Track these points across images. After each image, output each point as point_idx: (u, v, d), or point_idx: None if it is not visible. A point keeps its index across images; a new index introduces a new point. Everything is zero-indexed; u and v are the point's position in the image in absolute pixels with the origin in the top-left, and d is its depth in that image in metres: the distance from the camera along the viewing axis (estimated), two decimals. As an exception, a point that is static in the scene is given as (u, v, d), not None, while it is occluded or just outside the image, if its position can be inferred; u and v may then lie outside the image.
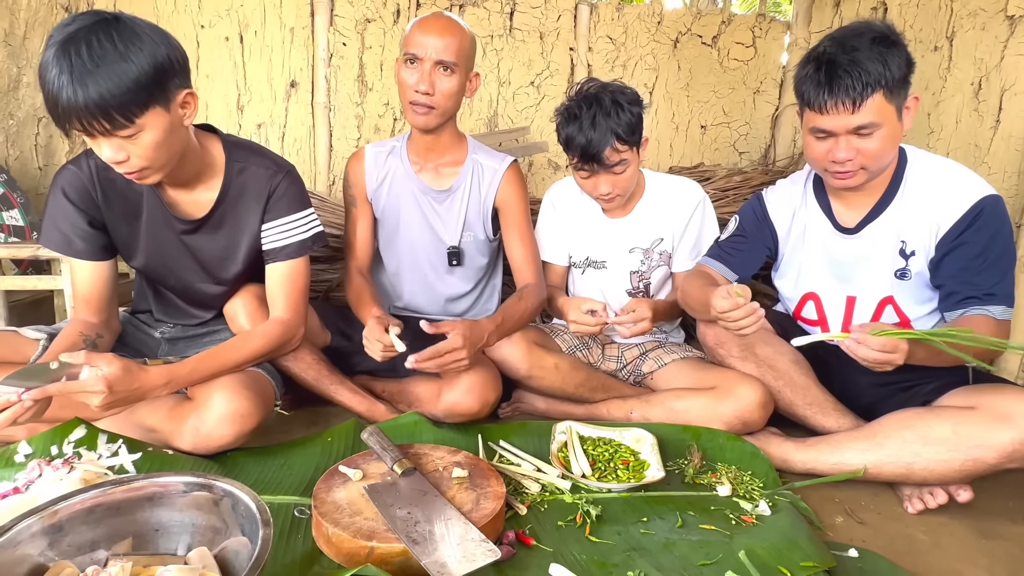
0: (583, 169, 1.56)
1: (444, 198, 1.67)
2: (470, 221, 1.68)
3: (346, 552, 0.96)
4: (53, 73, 1.04)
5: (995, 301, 1.29)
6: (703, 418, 1.48)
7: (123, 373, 1.10)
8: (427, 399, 1.53)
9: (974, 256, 1.31)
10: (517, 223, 1.68)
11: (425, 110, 1.52)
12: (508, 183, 1.66)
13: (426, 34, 1.48)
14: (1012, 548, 1.19)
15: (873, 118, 1.24)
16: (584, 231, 1.75)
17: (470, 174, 1.66)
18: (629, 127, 1.50)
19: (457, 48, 1.49)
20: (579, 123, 1.50)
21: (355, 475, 1.13)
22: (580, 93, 1.55)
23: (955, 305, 1.33)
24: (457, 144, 1.67)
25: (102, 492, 0.85)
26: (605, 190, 1.57)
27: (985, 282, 1.30)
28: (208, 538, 0.87)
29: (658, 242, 1.71)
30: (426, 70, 1.48)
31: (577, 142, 1.51)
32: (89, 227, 1.35)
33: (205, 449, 1.26)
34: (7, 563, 0.76)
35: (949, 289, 1.35)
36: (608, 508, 1.19)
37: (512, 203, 1.67)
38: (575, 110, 1.52)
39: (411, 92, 1.50)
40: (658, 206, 1.71)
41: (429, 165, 1.67)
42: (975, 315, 1.30)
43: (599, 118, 1.48)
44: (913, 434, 1.27)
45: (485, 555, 0.92)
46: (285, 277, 1.43)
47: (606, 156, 1.50)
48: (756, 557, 1.02)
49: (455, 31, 1.50)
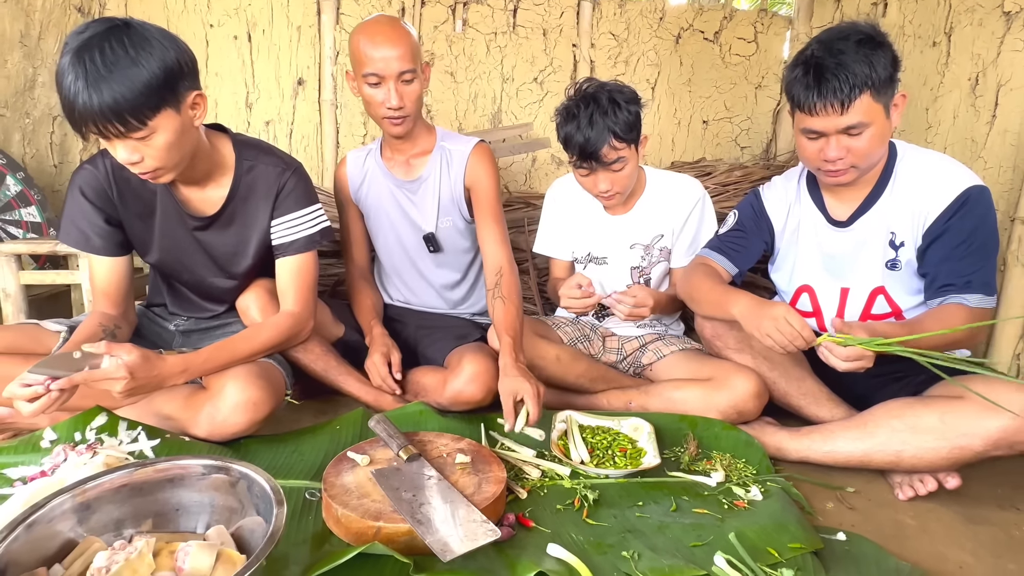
0: (582, 167, 1.60)
1: (416, 187, 1.72)
2: (445, 206, 1.73)
3: (355, 531, 1.01)
4: (69, 79, 1.08)
5: (972, 289, 1.33)
6: (699, 408, 1.52)
7: (143, 361, 1.16)
8: (432, 388, 1.58)
9: (957, 244, 1.34)
10: (488, 202, 1.67)
11: (400, 119, 1.57)
12: (476, 163, 1.68)
13: (379, 49, 1.49)
14: (997, 533, 1.23)
15: (861, 118, 1.28)
16: (586, 227, 1.79)
17: (439, 161, 1.71)
18: (627, 125, 1.53)
19: (411, 52, 1.52)
20: (577, 122, 1.54)
21: (363, 460, 1.18)
22: (578, 92, 1.58)
23: (935, 292, 1.37)
24: (425, 135, 1.72)
25: (128, 474, 0.90)
26: (604, 188, 1.61)
27: (965, 270, 1.34)
28: (225, 517, 0.93)
29: (658, 238, 1.75)
30: (391, 87, 1.52)
31: (575, 140, 1.54)
32: (106, 224, 1.40)
33: (220, 436, 1.31)
34: (41, 537, 0.81)
35: (931, 276, 1.39)
36: (605, 493, 1.23)
37: (481, 182, 1.68)
38: (573, 109, 1.55)
39: (383, 109, 1.54)
40: (658, 203, 1.74)
41: (400, 159, 1.73)
42: (951, 304, 1.34)
43: (596, 116, 1.51)
44: (902, 423, 1.31)
45: (486, 535, 0.97)
46: (294, 271, 1.47)
47: (604, 154, 1.53)
48: (746, 539, 1.06)
49: (403, 36, 1.52)
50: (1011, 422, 1.20)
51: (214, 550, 0.82)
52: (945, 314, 1.32)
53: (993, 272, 1.36)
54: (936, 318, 1.32)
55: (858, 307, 1.50)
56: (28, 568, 0.78)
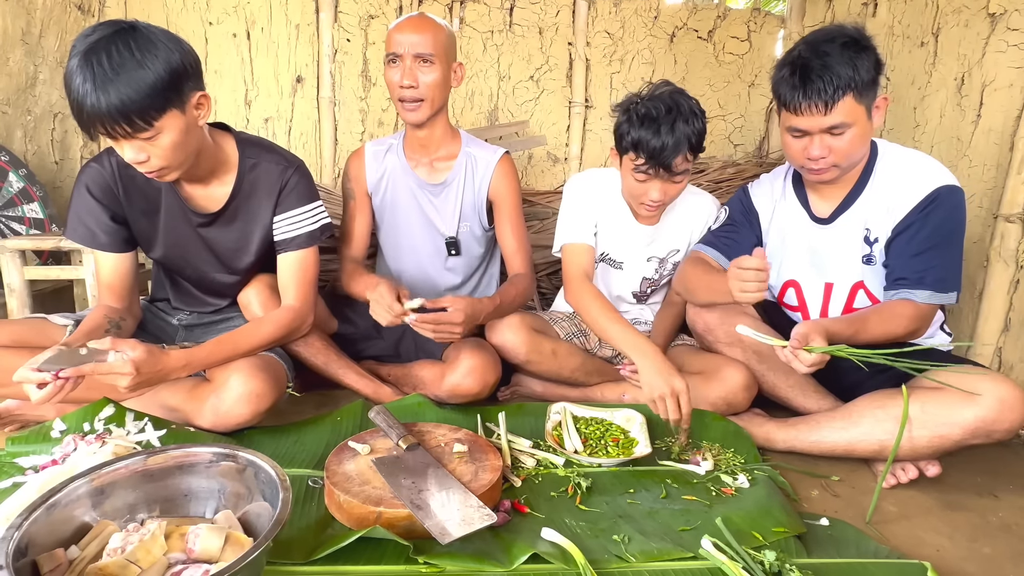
0: (645, 172, 1.51)
1: (439, 191, 1.74)
2: (466, 212, 1.75)
3: (356, 517, 1.05)
4: (77, 81, 1.11)
5: (923, 286, 1.37)
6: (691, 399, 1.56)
7: (148, 356, 1.19)
8: (430, 381, 1.62)
9: (917, 240, 1.38)
10: (510, 215, 1.74)
11: (414, 105, 1.60)
12: (501, 175, 1.72)
13: (402, 32, 1.56)
14: (973, 518, 1.28)
15: (844, 119, 1.32)
16: (610, 228, 1.74)
17: (464, 167, 1.72)
18: (700, 137, 1.49)
19: (432, 41, 1.56)
20: (656, 126, 1.45)
21: (363, 450, 1.22)
22: (657, 97, 1.49)
23: (891, 285, 1.42)
24: (451, 138, 1.74)
25: (140, 461, 0.94)
26: (656, 197, 1.54)
27: (920, 265, 1.38)
28: (233, 503, 0.96)
29: (674, 252, 1.77)
30: (407, 66, 1.56)
31: (652, 145, 1.45)
32: (112, 221, 1.43)
33: (223, 426, 1.35)
34: (58, 521, 0.85)
35: (890, 269, 1.44)
36: (598, 481, 1.28)
37: (505, 195, 1.73)
38: (653, 112, 1.46)
39: (397, 89, 1.59)
40: (681, 218, 1.75)
41: (424, 160, 1.74)
42: (898, 300, 1.39)
43: (679, 124, 1.44)
44: (886, 413, 1.36)
45: (482, 519, 1.01)
46: (295, 266, 1.51)
47: (675, 164, 1.48)
48: (732, 523, 1.11)
49: (429, 25, 1.58)
50: (987, 412, 1.25)
51: (223, 533, 0.86)
52: (891, 309, 1.38)
53: (950, 270, 1.39)
54: (880, 313, 1.38)
55: (841, 301, 1.55)
56: (46, 549, 0.81)
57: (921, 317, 1.38)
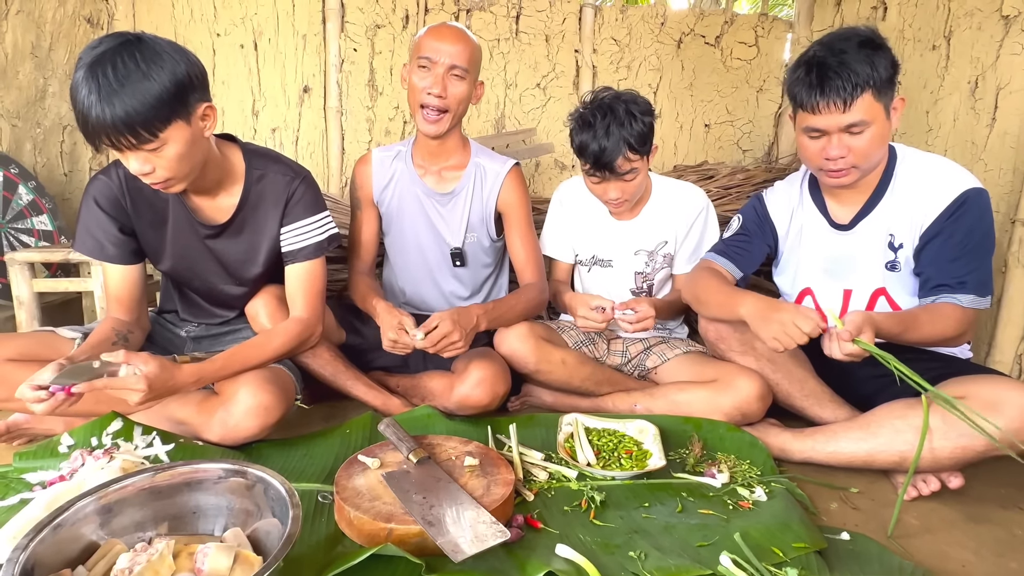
0: (594, 175, 1.61)
1: (447, 201, 1.73)
2: (473, 223, 1.74)
3: (367, 533, 1.03)
4: (83, 93, 1.11)
5: (965, 290, 1.35)
6: (704, 410, 1.53)
7: (160, 371, 1.18)
8: (440, 393, 1.60)
9: (952, 245, 1.36)
10: (519, 226, 1.74)
11: (437, 115, 1.58)
12: (510, 186, 1.72)
13: (440, 40, 1.55)
14: (999, 532, 1.24)
15: (863, 116, 1.30)
16: (591, 231, 1.81)
17: (472, 177, 1.72)
18: (641, 137, 1.54)
19: (469, 56, 1.57)
20: (593, 131, 1.53)
21: (373, 464, 1.20)
22: (594, 101, 1.58)
23: (929, 292, 1.39)
24: (461, 148, 1.73)
25: (147, 478, 0.93)
26: (614, 196, 1.63)
27: (959, 270, 1.36)
28: (242, 520, 0.95)
29: (662, 245, 1.77)
30: (439, 74, 1.55)
31: (591, 150, 1.55)
32: (120, 233, 1.43)
33: (232, 440, 1.34)
34: (65, 540, 0.84)
35: (925, 276, 1.41)
36: (612, 494, 1.25)
37: (514, 206, 1.73)
38: (589, 118, 1.55)
39: (423, 95, 1.56)
40: (664, 210, 1.76)
41: (433, 168, 1.73)
42: (944, 302, 1.36)
43: (612, 127, 1.52)
44: (906, 423, 1.32)
45: (495, 536, 0.99)
46: (303, 277, 1.50)
47: (618, 165, 1.55)
48: (750, 539, 1.08)
49: (467, 40, 1.58)
50: (1010, 421, 1.21)
51: (232, 552, 0.85)
52: (939, 310, 1.35)
53: (988, 273, 1.38)
54: (930, 312, 1.35)
55: (860, 308, 1.52)
56: (53, 570, 0.80)
57: (968, 321, 1.36)
